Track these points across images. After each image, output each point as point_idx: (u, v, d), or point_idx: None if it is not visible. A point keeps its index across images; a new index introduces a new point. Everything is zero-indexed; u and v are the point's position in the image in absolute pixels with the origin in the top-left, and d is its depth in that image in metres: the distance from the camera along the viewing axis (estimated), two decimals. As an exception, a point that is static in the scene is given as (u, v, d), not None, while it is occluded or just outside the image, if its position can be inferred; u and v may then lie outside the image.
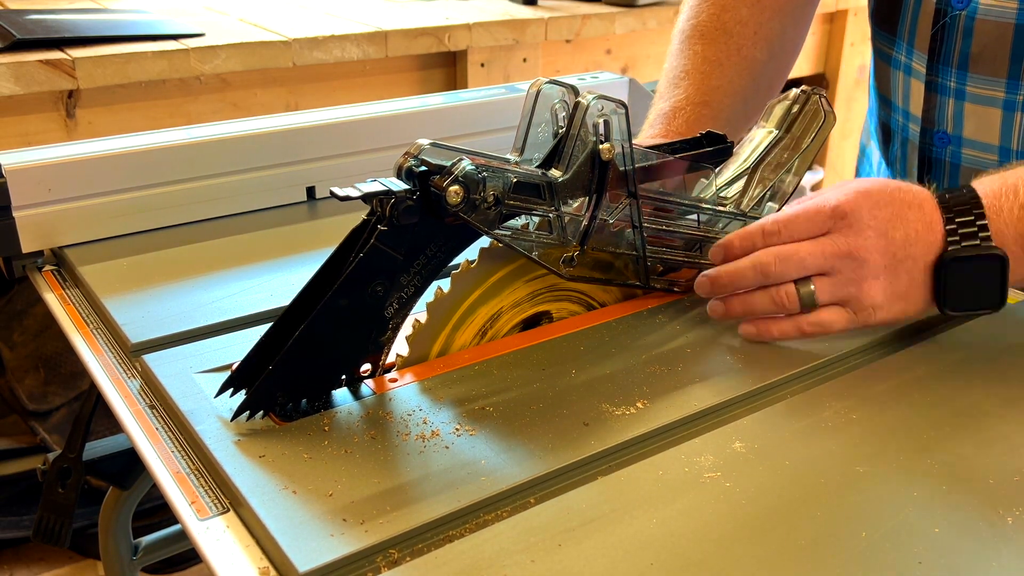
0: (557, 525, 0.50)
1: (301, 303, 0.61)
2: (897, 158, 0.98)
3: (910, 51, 0.89)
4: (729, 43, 0.90)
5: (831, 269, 0.65)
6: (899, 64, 0.92)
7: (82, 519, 1.44)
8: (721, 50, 0.90)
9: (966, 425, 0.59)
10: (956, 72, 0.84)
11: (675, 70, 0.92)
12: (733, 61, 0.90)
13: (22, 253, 0.83)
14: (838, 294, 0.66)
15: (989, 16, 0.80)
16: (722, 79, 0.89)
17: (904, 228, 0.66)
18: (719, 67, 0.89)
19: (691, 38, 0.92)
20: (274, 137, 0.94)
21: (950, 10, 0.83)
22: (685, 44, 0.93)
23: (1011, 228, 0.66)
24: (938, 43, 0.85)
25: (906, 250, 0.66)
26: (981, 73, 0.83)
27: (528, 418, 0.59)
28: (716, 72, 0.89)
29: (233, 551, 0.50)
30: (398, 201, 0.59)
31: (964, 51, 0.83)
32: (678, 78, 0.91)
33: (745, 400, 0.63)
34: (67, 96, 1.34)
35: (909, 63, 0.90)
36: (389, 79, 1.62)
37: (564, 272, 0.68)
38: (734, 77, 0.89)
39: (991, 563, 0.48)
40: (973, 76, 0.83)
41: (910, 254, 0.66)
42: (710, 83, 0.89)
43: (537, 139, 0.67)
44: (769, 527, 0.50)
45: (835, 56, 2.32)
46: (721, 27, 0.91)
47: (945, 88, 0.86)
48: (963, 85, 0.84)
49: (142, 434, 0.60)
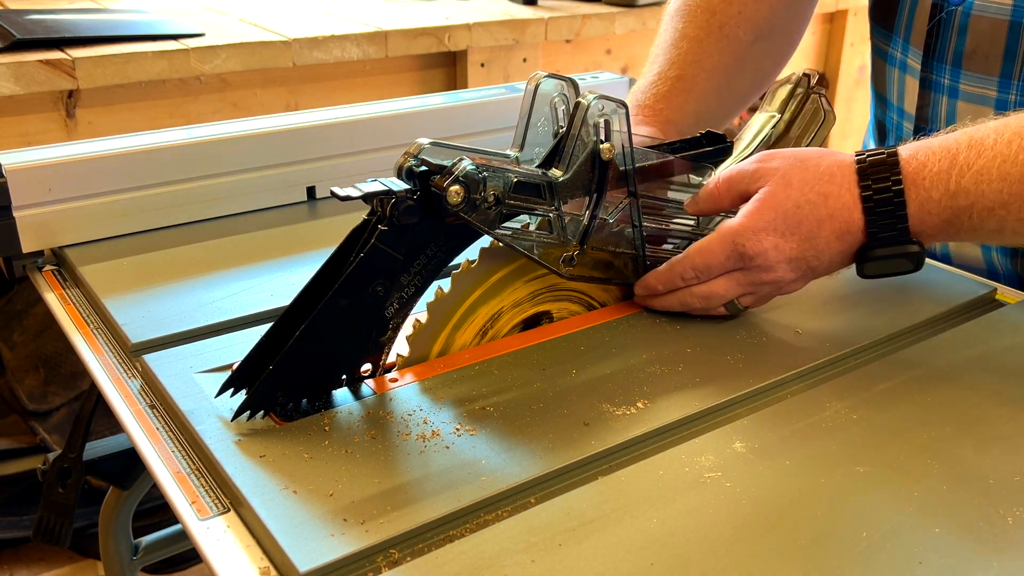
0: (557, 525, 0.50)
1: (301, 303, 0.61)
2: None
3: (906, 47, 0.88)
4: (711, 21, 0.89)
5: (750, 290, 0.70)
6: (895, 61, 0.91)
7: (82, 519, 1.45)
8: (701, 27, 0.89)
9: (966, 425, 0.59)
10: (950, 69, 0.83)
11: (655, 48, 0.91)
12: (714, 38, 0.89)
13: (22, 253, 0.83)
14: (757, 294, 0.70)
15: (985, 12, 0.79)
16: (700, 54, 0.88)
17: (817, 244, 0.67)
18: (697, 43, 0.89)
19: (673, 17, 0.92)
20: (274, 137, 0.94)
21: (946, 5, 0.82)
22: (667, 23, 0.92)
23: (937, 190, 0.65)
24: (933, 39, 0.84)
25: (819, 258, 0.68)
26: (974, 71, 0.82)
27: (528, 418, 0.59)
28: (694, 48, 0.88)
29: (233, 551, 0.50)
30: (398, 201, 0.59)
31: (959, 48, 0.82)
32: (655, 56, 0.90)
33: (745, 400, 0.63)
34: (67, 96, 1.34)
35: (905, 60, 0.89)
36: (389, 79, 1.62)
37: (564, 272, 0.68)
38: (714, 52, 0.88)
39: (991, 563, 0.48)
40: (966, 74, 0.82)
41: (825, 256, 0.68)
42: (686, 58, 0.88)
43: (537, 135, 0.67)
44: (769, 527, 0.50)
45: (835, 56, 2.32)
46: (704, 5, 0.90)
47: (939, 85, 0.85)
48: (956, 83, 0.83)
49: (142, 434, 0.60)
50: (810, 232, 0.66)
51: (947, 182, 0.64)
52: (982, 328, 0.72)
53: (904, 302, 0.75)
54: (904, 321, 0.72)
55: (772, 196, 0.67)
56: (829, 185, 0.66)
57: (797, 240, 0.66)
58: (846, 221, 0.66)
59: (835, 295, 0.76)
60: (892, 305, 0.75)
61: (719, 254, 0.68)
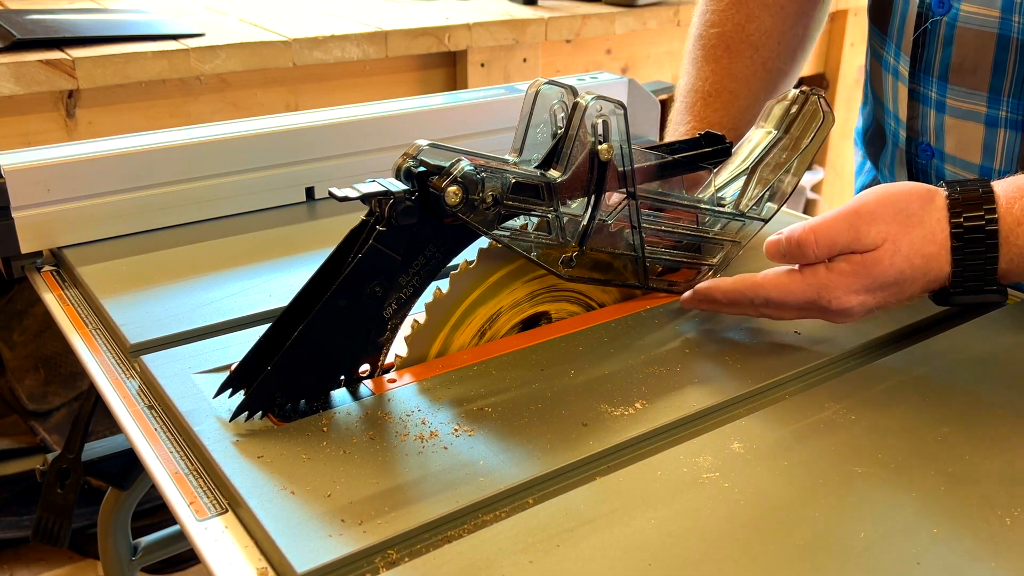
0: (556, 525, 0.50)
1: (300, 304, 0.61)
2: (887, 164, 0.95)
3: (898, 53, 0.86)
4: (755, 57, 0.88)
5: (818, 318, 0.67)
6: (889, 66, 0.89)
7: (82, 519, 1.45)
8: (748, 65, 0.88)
9: (965, 425, 0.59)
10: (937, 82, 0.80)
11: (705, 84, 0.89)
12: (759, 76, 0.89)
13: (21, 253, 0.83)
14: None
15: (970, 24, 0.76)
16: (749, 98, 0.88)
17: (903, 296, 0.65)
18: (747, 85, 0.88)
19: (717, 48, 0.90)
20: (274, 137, 0.94)
21: (931, 15, 0.79)
22: (710, 55, 0.90)
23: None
24: (920, 49, 0.81)
25: (900, 304, 0.66)
26: (962, 85, 0.79)
27: (527, 419, 0.59)
28: (744, 91, 0.88)
29: (231, 551, 0.50)
30: (396, 202, 0.59)
31: (945, 60, 0.79)
32: (709, 95, 0.89)
33: (744, 400, 0.63)
34: (67, 96, 1.34)
35: (896, 66, 0.86)
36: (389, 79, 1.62)
37: (563, 273, 0.68)
38: (760, 93, 0.88)
39: (990, 563, 0.48)
40: (954, 88, 0.79)
41: (904, 302, 0.66)
42: (739, 103, 0.88)
43: (536, 140, 0.67)
44: (768, 527, 0.50)
45: (835, 56, 2.32)
46: (746, 39, 0.89)
47: (927, 98, 0.82)
48: (943, 97, 0.80)
49: (141, 435, 0.60)
50: (902, 290, 0.64)
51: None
52: (982, 328, 0.72)
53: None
54: (904, 321, 0.72)
55: (876, 263, 0.63)
56: (931, 246, 0.64)
57: (886, 296, 0.64)
58: (937, 279, 0.65)
59: (834, 295, 0.76)
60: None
61: (799, 296, 0.65)
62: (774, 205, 0.77)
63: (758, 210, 0.76)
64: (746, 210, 0.76)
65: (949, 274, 0.64)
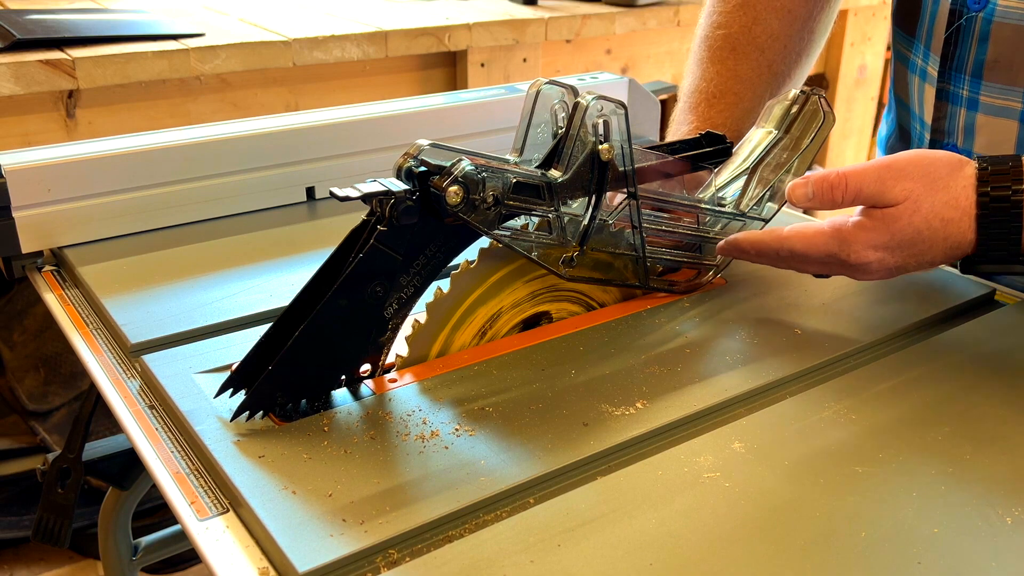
0: (556, 525, 0.50)
1: (301, 303, 0.61)
2: None
3: (927, 54, 0.85)
4: (761, 60, 0.89)
5: (840, 274, 0.69)
6: (916, 68, 0.88)
7: (82, 519, 1.45)
8: (753, 68, 0.89)
9: (965, 425, 0.59)
10: (970, 80, 0.80)
11: (710, 85, 0.90)
12: (764, 79, 0.89)
13: (22, 253, 0.83)
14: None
15: (1007, 19, 0.76)
16: (753, 100, 0.88)
17: (923, 259, 0.67)
18: (751, 87, 0.88)
19: (722, 49, 0.90)
20: (274, 137, 0.94)
21: (966, 11, 0.78)
22: (716, 56, 0.90)
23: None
24: (952, 47, 0.81)
25: (920, 268, 0.68)
26: (997, 81, 0.79)
27: (527, 418, 0.59)
28: (748, 93, 0.88)
29: (232, 551, 0.50)
30: (397, 201, 0.59)
31: (979, 57, 0.79)
32: (713, 96, 0.89)
33: (744, 400, 0.63)
34: (67, 96, 1.34)
35: (925, 67, 0.86)
36: (389, 79, 1.62)
37: (564, 272, 0.68)
38: (764, 96, 0.88)
39: (991, 563, 0.48)
40: (988, 85, 0.79)
41: (926, 267, 0.68)
42: (743, 105, 0.88)
43: (536, 140, 0.67)
44: (768, 527, 0.50)
45: (835, 56, 2.32)
46: (752, 41, 0.89)
47: (957, 97, 0.82)
48: (976, 94, 0.80)
49: (141, 434, 0.60)
50: (921, 252, 0.66)
51: None
52: (982, 328, 0.72)
53: (904, 302, 0.75)
54: (904, 321, 0.72)
55: (895, 220, 0.65)
56: (952, 211, 0.65)
57: (905, 256, 0.66)
58: (959, 245, 0.66)
59: (835, 295, 0.76)
60: (891, 305, 0.75)
61: (821, 249, 0.67)
62: (774, 205, 0.77)
63: (758, 210, 0.76)
64: (747, 210, 0.76)
65: (972, 241, 0.66)
